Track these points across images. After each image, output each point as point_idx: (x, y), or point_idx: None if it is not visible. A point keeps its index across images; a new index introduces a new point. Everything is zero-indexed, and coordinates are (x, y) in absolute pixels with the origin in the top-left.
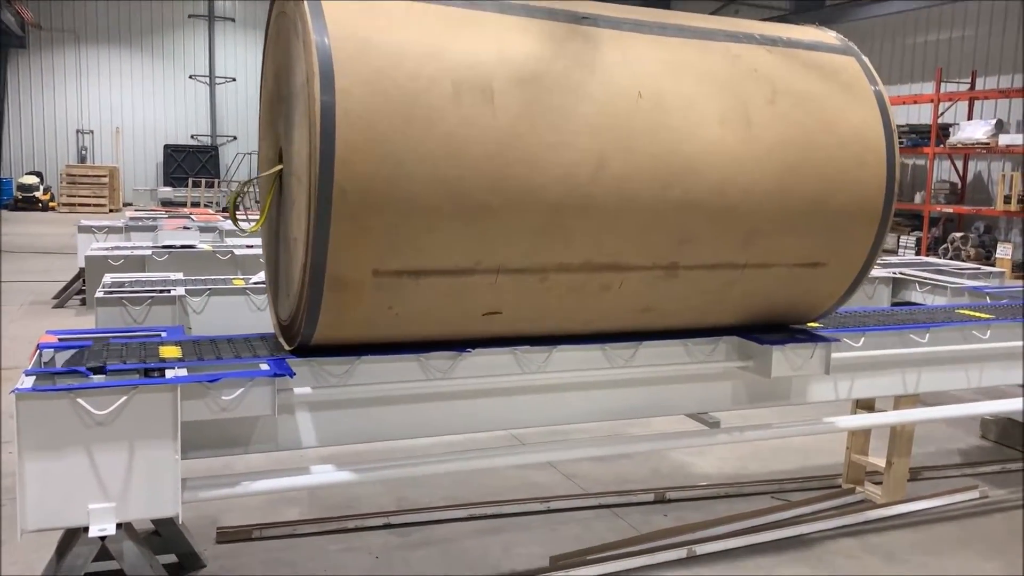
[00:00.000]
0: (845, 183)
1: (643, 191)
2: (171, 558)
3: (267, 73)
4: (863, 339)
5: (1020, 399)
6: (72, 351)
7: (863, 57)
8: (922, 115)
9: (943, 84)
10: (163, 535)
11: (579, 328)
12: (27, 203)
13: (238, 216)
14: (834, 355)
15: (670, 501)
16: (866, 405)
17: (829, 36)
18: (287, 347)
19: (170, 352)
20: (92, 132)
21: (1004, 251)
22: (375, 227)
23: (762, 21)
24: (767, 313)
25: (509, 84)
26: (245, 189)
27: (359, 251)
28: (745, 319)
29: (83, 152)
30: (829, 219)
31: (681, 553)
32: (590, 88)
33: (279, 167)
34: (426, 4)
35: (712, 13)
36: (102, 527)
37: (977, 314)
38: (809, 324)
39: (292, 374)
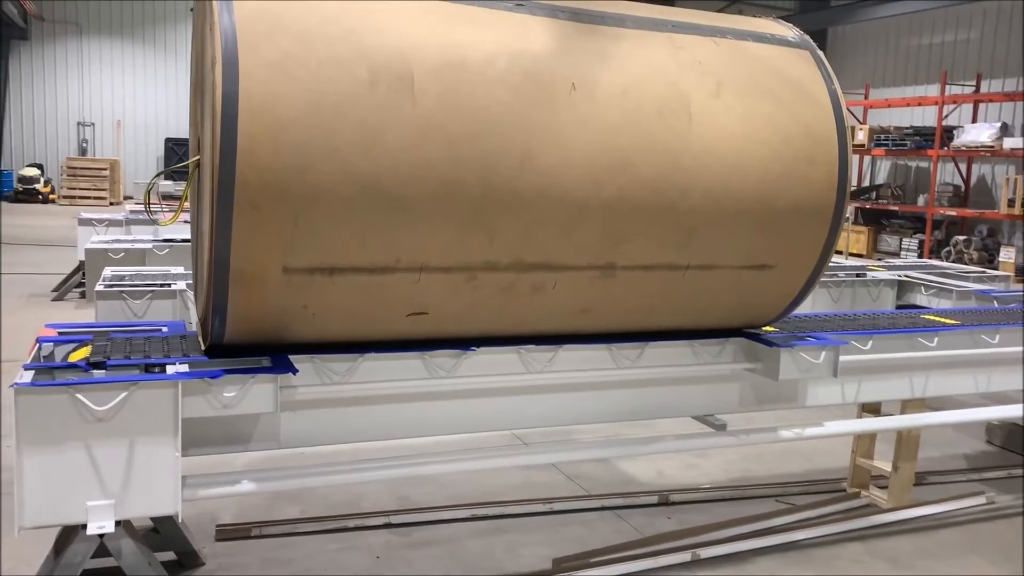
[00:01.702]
0: (793, 182)
1: (573, 187)
2: (170, 555)
3: (193, 61)
4: (871, 342)
5: None
6: (71, 345)
7: (818, 52)
8: (926, 117)
9: (948, 86)
10: (162, 532)
11: (511, 330)
12: (27, 195)
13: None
14: (842, 358)
15: (674, 504)
16: (872, 409)
17: (784, 30)
18: (203, 346)
19: (80, 354)
20: (93, 125)
21: (1007, 255)
22: (282, 221)
23: (716, 12)
24: (714, 316)
25: (430, 70)
26: (157, 181)
27: (265, 246)
28: (691, 322)
29: (84, 144)
30: (776, 219)
31: (685, 556)
32: (518, 77)
33: (196, 158)
34: None
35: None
36: (100, 524)
37: (940, 319)
38: (765, 328)
39: (295, 371)
